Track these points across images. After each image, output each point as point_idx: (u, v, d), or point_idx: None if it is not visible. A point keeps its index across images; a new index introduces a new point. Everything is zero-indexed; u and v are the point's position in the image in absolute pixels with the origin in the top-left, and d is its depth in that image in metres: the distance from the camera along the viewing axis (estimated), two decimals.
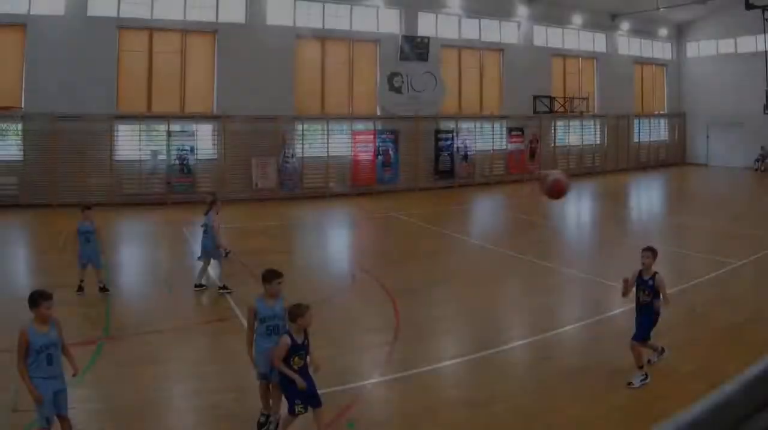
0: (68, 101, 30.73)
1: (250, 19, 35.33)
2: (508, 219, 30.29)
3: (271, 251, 22.00)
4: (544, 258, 20.69)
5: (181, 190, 33.26)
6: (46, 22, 30.88)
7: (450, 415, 10.05)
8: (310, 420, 9.18)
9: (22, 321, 8.61)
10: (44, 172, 30.57)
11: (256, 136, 34.92)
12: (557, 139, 46.77)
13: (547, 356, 12.44)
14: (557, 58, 46.79)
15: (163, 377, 11.43)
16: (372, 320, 14.77)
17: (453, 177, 41.09)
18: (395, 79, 39.39)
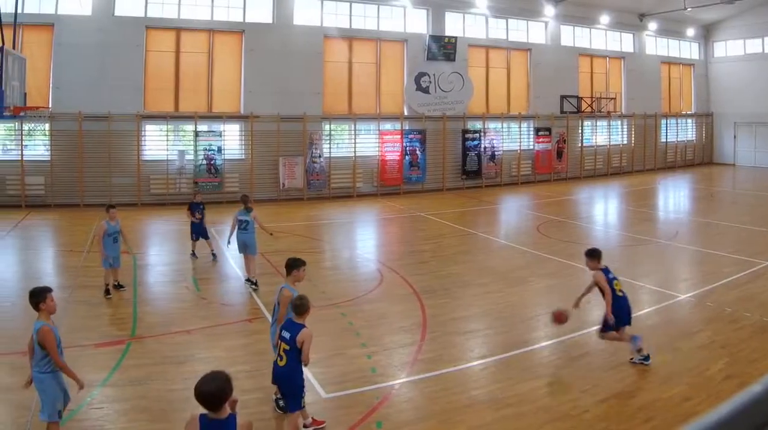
0: (95, 101, 30.07)
1: (277, 19, 34.45)
2: (535, 219, 29.10)
3: (299, 250, 21.05)
4: (572, 258, 20.09)
5: (208, 190, 32.19)
6: (74, 22, 30.20)
7: (477, 415, 9.89)
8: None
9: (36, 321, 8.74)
10: (71, 173, 29.91)
11: (284, 136, 34.01)
12: (584, 139, 45.34)
13: (574, 356, 12.24)
14: (584, 57, 45.34)
15: (191, 378, 10.37)
16: (400, 319, 14.42)
17: (480, 177, 39.93)
18: (422, 79, 38.30)
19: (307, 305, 9.17)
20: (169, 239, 24.77)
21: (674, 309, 15.28)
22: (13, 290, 16.39)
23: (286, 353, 9.01)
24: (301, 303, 9.16)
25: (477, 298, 16.31)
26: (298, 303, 9.18)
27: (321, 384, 10.91)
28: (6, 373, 11.08)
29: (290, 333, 9.03)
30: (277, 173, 33.95)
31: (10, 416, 9.72)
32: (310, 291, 15.22)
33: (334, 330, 13.60)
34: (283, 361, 9.04)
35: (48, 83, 30.19)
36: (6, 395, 10.29)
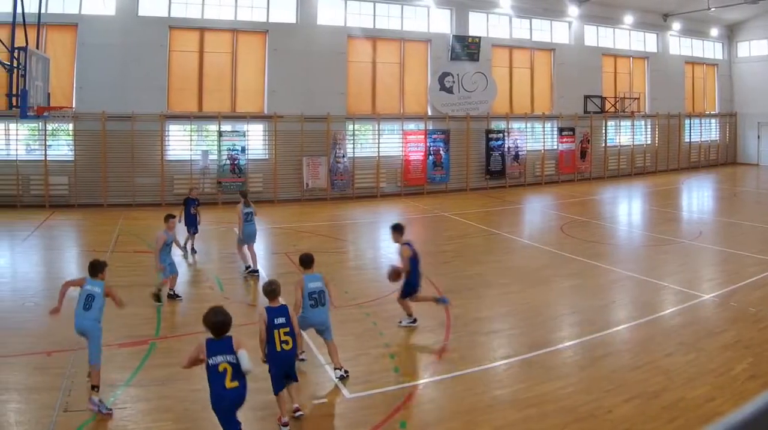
0: (119, 101, 29.42)
1: (301, 19, 33.50)
2: (559, 219, 28.17)
3: (323, 250, 20.83)
4: (596, 258, 19.91)
5: (231, 190, 31.45)
6: (98, 22, 29.48)
7: (501, 415, 9.66)
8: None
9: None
10: (95, 173, 29.17)
11: (307, 136, 33.06)
12: (608, 139, 44.03)
13: (598, 356, 11.88)
14: (608, 57, 43.95)
15: None
16: (423, 319, 13.90)
17: (504, 177, 38.79)
18: (446, 79, 37.19)
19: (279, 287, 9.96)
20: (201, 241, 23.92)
21: (698, 309, 14.88)
22: (37, 290, 16.02)
23: (288, 334, 9.39)
24: (277, 286, 9.91)
25: (500, 298, 15.93)
26: (275, 287, 9.86)
27: (345, 384, 10.65)
28: (30, 373, 10.89)
29: (284, 317, 9.47)
30: (301, 173, 33.04)
31: (35, 415, 9.42)
32: (334, 291, 15.59)
33: (357, 330, 13.34)
34: (289, 345, 9.40)
35: (72, 83, 29.45)
36: (31, 394, 10.07)
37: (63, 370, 10.76)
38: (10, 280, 17.41)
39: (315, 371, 11.31)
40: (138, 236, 22.30)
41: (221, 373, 7.95)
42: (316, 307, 10.95)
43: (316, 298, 10.99)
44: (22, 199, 28.57)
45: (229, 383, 7.91)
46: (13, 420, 9.25)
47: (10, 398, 9.97)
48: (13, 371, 10.92)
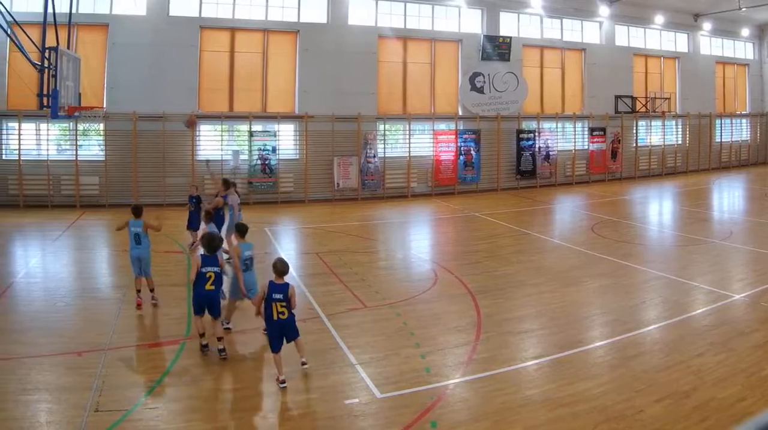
0: (150, 101, 28.35)
1: (331, 19, 32.18)
2: (589, 219, 27.01)
3: (353, 250, 20.54)
4: (627, 258, 19.20)
5: (262, 190, 30.61)
6: (129, 22, 28.45)
7: (532, 415, 9.34)
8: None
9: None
10: (125, 172, 28.20)
11: (338, 136, 31.81)
12: (639, 139, 42.23)
13: (629, 356, 11.46)
14: (639, 57, 42.06)
15: (245, 378, 10.73)
16: (454, 319, 13.60)
17: (534, 177, 37.23)
18: (477, 79, 35.61)
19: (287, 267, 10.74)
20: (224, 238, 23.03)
21: (729, 309, 14.27)
22: (68, 290, 15.55)
23: (285, 307, 10.25)
24: (285, 265, 10.66)
25: (531, 298, 15.34)
26: (283, 266, 10.58)
27: (376, 384, 10.28)
28: (61, 373, 10.56)
29: (282, 294, 10.27)
30: (332, 173, 31.79)
31: (66, 415, 9.09)
32: (365, 291, 15.50)
33: (388, 330, 12.87)
34: (285, 315, 10.27)
35: (102, 83, 28.41)
36: (62, 394, 9.73)
37: (94, 370, 10.52)
38: (41, 280, 16.84)
39: (346, 371, 10.88)
40: (169, 236, 21.28)
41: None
42: (247, 271, 12.45)
43: (248, 263, 12.50)
44: (53, 199, 27.64)
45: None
46: (44, 420, 8.97)
47: (41, 397, 9.66)
48: (44, 371, 10.61)
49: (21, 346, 11.66)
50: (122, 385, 10.01)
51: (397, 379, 10.48)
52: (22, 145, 27.51)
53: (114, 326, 12.86)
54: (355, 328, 12.98)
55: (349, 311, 14.05)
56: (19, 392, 9.75)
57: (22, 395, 9.69)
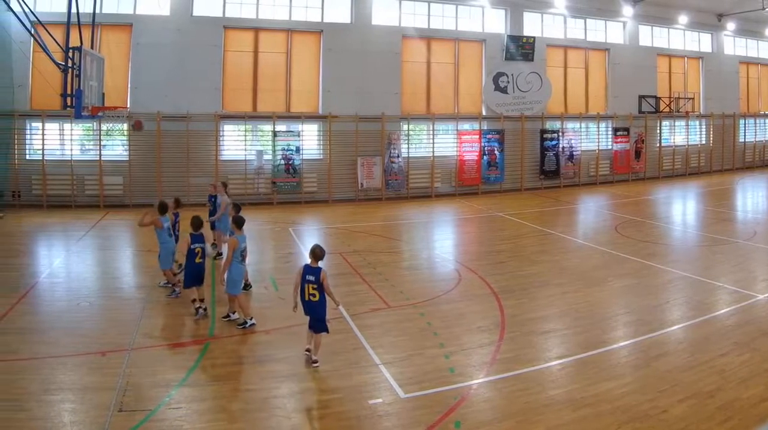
0: (173, 101, 27.46)
1: (355, 19, 31.00)
2: (613, 219, 26.24)
3: (377, 250, 20.05)
4: (650, 258, 18.76)
5: (286, 190, 29.53)
6: (152, 22, 27.50)
7: (555, 415, 9.18)
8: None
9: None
10: (149, 173, 27.23)
11: (362, 136, 30.64)
12: (662, 139, 40.56)
13: (653, 356, 11.27)
14: (663, 57, 40.37)
15: (269, 377, 10.46)
16: (478, 319, 13.36)
17: (558, 177, 35.85)
18: (501, 79, 34.25)
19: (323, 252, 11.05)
20: (248, 239, 22.17)
21: (753, 309, 14.00)
22: (91, 291, 15.21)
23: (316, 289, 10.70)
24: (321, 251, 10.98)
25: (555, 298, 15.02)
26: (319, 252, 10.91)
27: (399, 384, 10.11)
28: (85, 373, 10.39)
29: (314, 276, 10.72)
30: (356, 173, 30.64)
31: (90, 415, 8.95)
32: (389, 291, 15.20)
33: (412, 330, 12.65)
34: (316, 297, 10.73)
35: (126, 83, 27.45)
36: (85, 394, 9.59)
37: (117, 370, 10.37)
38: (64, 280, 16.31)
39: (370, 371, 10.66)
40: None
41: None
42: (243, 262, 12.72)
43: (243, 255, 12.69)
44: (76, 200, 26.75)
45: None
46: (67, 420, 8.79)
47: (65, 397, 9.49)
48: (68, 371, 10.42)
49: (44, 346, 11.45)
50: (146, 385, 9.85)
51: (421, 379, 10.27)
52: (46, 146, 26.68)
53: (137, 326, 12.60)
54: (378, 328, 12.70)
55: (373, 311, 13.70)
56: (42, 392, 9.55)
57: (46, 395, 9.51)
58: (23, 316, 13.13)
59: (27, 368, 10.42)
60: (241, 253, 12.54)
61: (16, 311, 13.35)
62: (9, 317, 12.98)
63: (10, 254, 19.05)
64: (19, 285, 15.34)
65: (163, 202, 15.53)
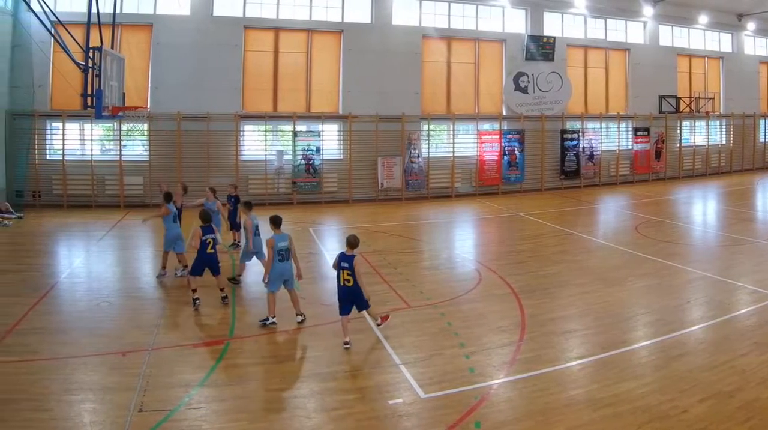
0: (194, 101, 26.53)
1: (375, 19, 29.92)
2: (633, 219, 25.40)
3: (397, 250, 19.39)
4: (671, 258, 18.07)
5: (306, 190, 28.60)
6: (173, 22, 26.61)
7: (575, 415, 8.82)
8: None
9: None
10: (169, 173, 26.02)
11: (382, 136, 29.55)
12: (683, 139, 39.10)
13: (673, 356, 10.89)
14: (683, 57, 38.94)
15: (290, 377, 10.18)
16: (498, 319, 12.92)
17: (578, 177, 34.53)
18: (521, 79, 33.05)
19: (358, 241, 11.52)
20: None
21: None
22: (111, 291, 14.72)
23: (350, 275, 11.10)
24: (356, 240, 11.47)
25: (575, 298, 14.47)
26: (354, 241, 11.40)
27: (419, 384, 9.77)
28: (105, 373, 10.10)
29: (348, 263, 11.12)
30: (376, 173, 29.56)
31: (110, 415, 8.68)
32: (410, 291, 14.72)
33: (432, 330, 12.23)
34: (351, 282, 11.13)
35: (147, 83, 26.58)
36: (105, 394, 9.30)
37: (138, 370, 10.09)
38: (85, 280, 15.82)
39: (390, 371, 10.31)
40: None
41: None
42: (282, 261, 12.27)
43: (283, 254, 12.28)
44: (96, 200, 25.92)
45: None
46: (87, 420, 8.55)
47: (85, 397, 9.19)
48: (88, 371, 10.12)
49: (65, 346, 11.16)
50: (166, 385, 9.58)
51: (441, 379, 9.99)
52: (66, 146, 25.91)
53: (158, 326, 12.29)
54: (399, 328, 12.23)
55: (393, 311, 13.12)
56: (62, 392, 9.29)
57: (66, 395, 9.24)
58: (43, 316, 12.76)
59: (47, 368, 10.13)
60: (279, 252, 12.26)
61: (37, 311, 12.98)
62: (29, 317, 12.61)
63: (31, 254, 18.55)
64: (40, 285, 14.92)
65: (169, 191, 16.10)
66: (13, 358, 10.48)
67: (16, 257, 18.32)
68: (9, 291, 14.45)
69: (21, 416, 8.60)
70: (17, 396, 9.14)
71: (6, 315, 12.53)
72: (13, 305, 13.24)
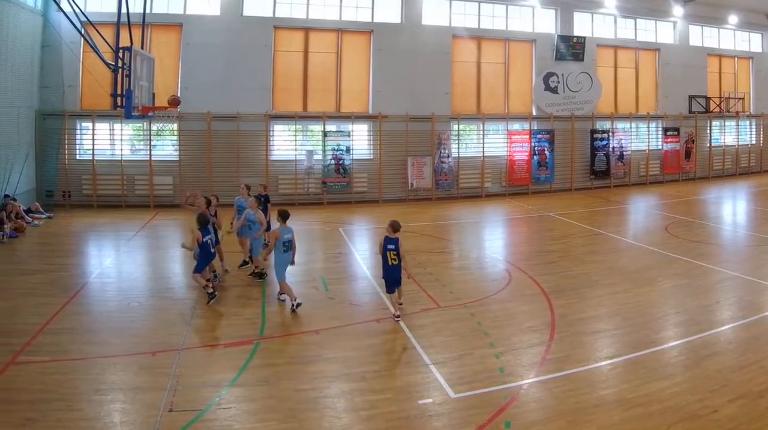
0: (224, 101, 25.05)
1: (405, 19, 28.17)
2: (663, 219, 24.01)
3: (427, 250, 18.35)
4: (700, 258, 17.21)
5: (336, 190, 27.08)
6: (202, 22, 25.16)
7: (606, 415, 8.37)
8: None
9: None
10: (199, 173, 24.83)
11: (412, 136, 27.82)
12: (713, 139, 36.85)
13: (703, 356, 10.34)
14: (713, 57, 36.63)
15: (319, 378, 9.60)
16: (528, 319, 12.34)
17: (608, 177, 32.48)
18: (551, 79, 31.11)
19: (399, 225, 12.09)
20: (299, 238, 20.53)
21: None
22: (141, 291, 14.06)
23: (396, 255, 11.85)
24: (398, 224, 12.09)
25: (605, 298, 13.86)
26: (396, 225, 12.00)
27: (449, 384, 9.29)
28: (135, 373, 9.68)
29: (394, 245, 11.84)
30: (406, 173, 27.85)
31: (140, 415, 8.29)
32: (439, 291, 13.99)
33: (462, 330, 11.68)
34: (396, 262, 11.86)
35: (177, 83, 25.12)
36: (135, 394, 8.87)
37: (168, 370, 9.68)
38: (115, 280, 15.19)
39: (420, 371, 9.86)
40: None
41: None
42: (286, 251, 12.51)
43: (287, 245, 12.53)
44: (126, 200, 24.54)
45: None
46: (117, 420, 8.23)
47: (116, 397, 8.84)
48: (118, 371, 9.76)
49: (95, 346, 10.76)
50: (196, 385, 9.20)
51: (471, 379, 9.59)
52: (96, 146, 24.60)
53: (188, 326, 11.81)
54: (429, 328, 11.75)
55: (423, 311, 12.67)
56: (92, 392, 8.93)
57: (96, 395, 8.88)
58: (74, 316, 12.20)
59: (78, 368, 9.72)
60: (284, 243, 12.42)
61: (67, 311, 12.41)
62: (60, 317, 12.06)
63: (61, 254, 17.69)
64: (70, 285, 14.23)
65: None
66: (43, 358, 10.02)
67: (47, 257, 17.53)
68: (39, 291, 13.77)
69: (52, 416, 8.19)
70: (47, 396, 8.71)
71: (36, 315, 12.00)
72: (44, 304, 12.66)
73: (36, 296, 13.42)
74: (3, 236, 18.79)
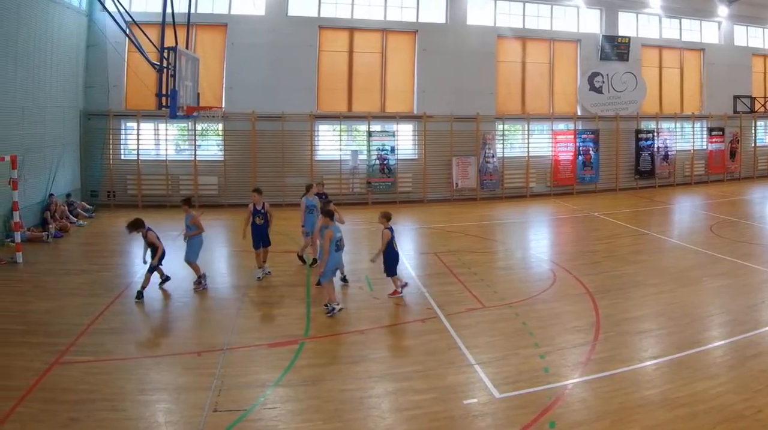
0: (268, 101, 22.89)
1: (450, 20, 25.64)
2: (708, 219, 22.19)
3: (472, 250, 17.14)
4: (746, 258, 15.83)
5: (381, 190, 24.81)
6: (247, 22, 22.98)
7: (650, 415, 7.68)
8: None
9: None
10: (244, 173, 22.78)
11: (457, 135, 25.36)
12: (757, 139, 33.57)
13: (748, 356, 9.28)
14: (758, 57, 33.23)
15: (364, 378, 8.80)
16: (573, 319, 11.30)
17: (653, 177, 29.53)
18: (596, 79, 28.29)
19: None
20: (344, 239, 19.00)
21: None
22: (186, 291, 13.07)
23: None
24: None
25: (650, 298, 12.78)
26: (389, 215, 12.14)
27: (494, 384, 8.49)
28: (179, 372, 8.93)
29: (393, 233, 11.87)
30: (450, 173, 25.40)
31: (184, 415, 7.64)
32: (484, 291, 13.00)
33: (507, 330, 10.75)
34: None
35: (221, 83, 23.02)
36: (180, 394, 8.20)
37: (212, 370, 8.97)
38: (159, 280, 13.88)
39: (464, 371, 9.02)
40: (288, 236, 17.84)
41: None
42: (337, 251, 11.40)
43: (339, 244, 11.44)
44: (171, 199, 22.30)
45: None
46: (162, 420, 7.56)
47: (160, 397, 8.19)
48: (162, 371, 9.04)
49: (139, 346, 10.24)
50: (241, 385, 8.51)
51: (516, 379, 8.83)
52: (141, 146, 22.60)
53: (232, 326, 11.00)
54: (473, 328, 10.97)
55: (468, 311, 11.85)
56: (137, 392, 8.31)
57: (141, 395, 8.26)
58: (118, 316, 11.53)
59: (122, 368, 9.14)
60: (336, 242, 11.46)
61: (111, 311, 11.73)
62: (104, 317, 11.38)
63: (105, 254, 16.67)
64: (114, 285, 13.43)
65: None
66: (88, 358, 9.39)
67: (91, 257, 16.50)
68: (84, 291, 12.94)
69: (96, 416, 7.66)
70: (92, 396, 8.14)
71: (81, 315, 11.28)
72: (88, 304, 11.93)
73: (80, 296, 12.59)
74: (48, 236, 17.41)
